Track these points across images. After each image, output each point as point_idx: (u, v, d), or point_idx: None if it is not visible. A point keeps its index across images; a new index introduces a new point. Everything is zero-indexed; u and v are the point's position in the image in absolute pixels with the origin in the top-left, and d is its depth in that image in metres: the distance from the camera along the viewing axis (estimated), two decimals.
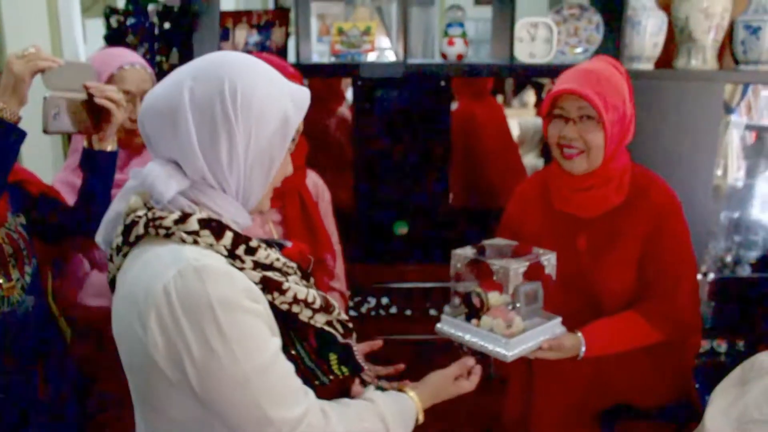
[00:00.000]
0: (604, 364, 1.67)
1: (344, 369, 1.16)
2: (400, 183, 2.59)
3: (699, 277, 2.50)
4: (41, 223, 1.64)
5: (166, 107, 1.05)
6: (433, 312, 2.55)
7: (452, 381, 1.38)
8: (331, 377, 1.15)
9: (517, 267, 1.52)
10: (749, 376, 1.59)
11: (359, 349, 1.51)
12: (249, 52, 2.49)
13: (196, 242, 1.04)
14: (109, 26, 2.44)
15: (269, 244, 1.19)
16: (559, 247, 1.75)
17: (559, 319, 1.62)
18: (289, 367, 1.06)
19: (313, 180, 2.02)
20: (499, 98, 4.79)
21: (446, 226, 2.63)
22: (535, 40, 2.44)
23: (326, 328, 1.15)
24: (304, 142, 1.92)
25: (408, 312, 2.57)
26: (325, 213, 2.02)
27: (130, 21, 2.42)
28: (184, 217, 1.05)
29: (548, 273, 1.61)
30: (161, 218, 1.05)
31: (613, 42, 2.42)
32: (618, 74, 1.69)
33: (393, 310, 2.58)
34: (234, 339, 0.98)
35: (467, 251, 1.62)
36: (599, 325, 1.66)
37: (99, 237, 1.18)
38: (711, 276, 2.62)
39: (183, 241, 1.04)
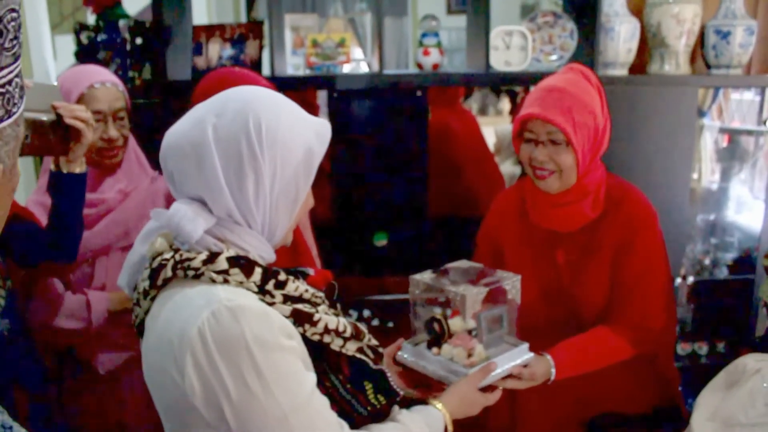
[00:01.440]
0: (587, 375, 1.66)
1: (381, 398, 1.14)
2: (379, 194, 2.58)
3: (678, 280, 2.52)
4: (14, 246, 1.60)
5: (189, 145, 1.04)
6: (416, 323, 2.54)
7: (475, 388, 1.37)
8: (369, 408, 1.13)
9: (475, 293, 1.44)
10: (733, 380, 1.60)
11: (388, 353, 1.49)
12: (223, 65, 2.48)
13: (226, 281, 1.02)
14: (79, 42, 2.40)
15: (294, 273, 1.17)
16: (538, 261, 1.74)
17: (525, 345, 1.55)
18: (325, 402, 1.05)
19: None
20: (474, 107, 4.82)
21: (426, 237, 2.63)
22: (510, 48, 2.45)
23: (357, 355, 1.13)
24: None
25: (390, 324, 2.55)
26: (304, 226, 2.00)
27: (101, 37, 2.38)
28: (213, 257, 1.03)
29: (512, 298, 1.54)
30: (189, 259, 1.03)
31: (588, 49, 2.43)
32: (589, 85, 1.65)
33: (375, 322, 2.56)
34: (272, 379, 0.97)
35: (425, 276, 1.54)
36: (568, 345, 1.62)
37: (122, 281, 1.16)
38: (690, 279, 2.64)
39: (213, 281, 1.02)
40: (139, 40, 2.41)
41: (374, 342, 1.17)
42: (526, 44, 2.44)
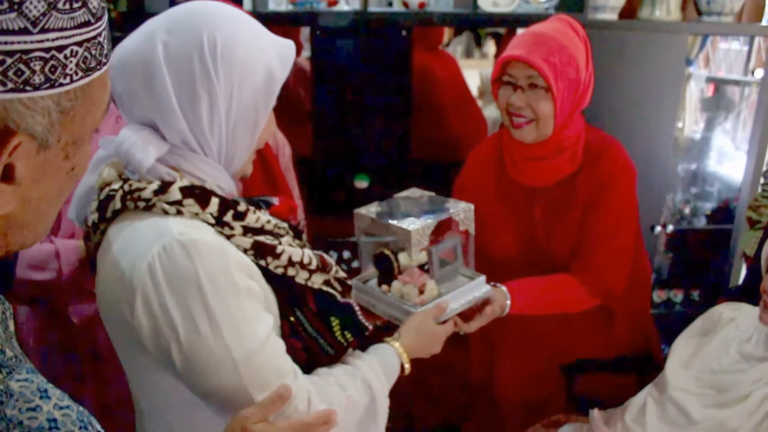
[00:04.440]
0: (561, 322, 1.67)
1: (348, 335, 1.10)
2: (361, 135, 2.54)
3: (657, 228, 2.53)
4: None
5: (139, 63, 0.95)
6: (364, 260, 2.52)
7: (431, 320, 1.31)
8: (335, 346, 1.09)
9: (421, 228, 1.31)
10: (708, 328, 1.62)
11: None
12: None
13: (179, 213, 0.96)
14: None
15: (256, 203, 1.12)
16: (515, 215, 1.72)
17: (482, 278, 1.47)
18: (279, 348, 1.01)
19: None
20: (459, 49, 4.74)
21: (407, 179, 2.60)
22: None
23: (324, 288, 1.09)
24: None
25: None
26: (286, 168, 1.96)
27: None
28: (165, 187, 0.96)
29: (464, 229, 1.43)
30: (139, 190, 0.96)
31: None
32: (576, 37, 1.60)
33: (355, 264, 2.56)
34: (223, 321, 0.92)
35: (370, 210, 1.41)
36: (526, 282, 1.60)
37: (71, 214, 1.10)
38: (670, 228, 2.65)
39: (165, 212, 0.96)
40: None
41: (342, 274, 1.13)
42: None
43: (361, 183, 2.59)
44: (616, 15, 2.45)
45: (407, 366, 1.21)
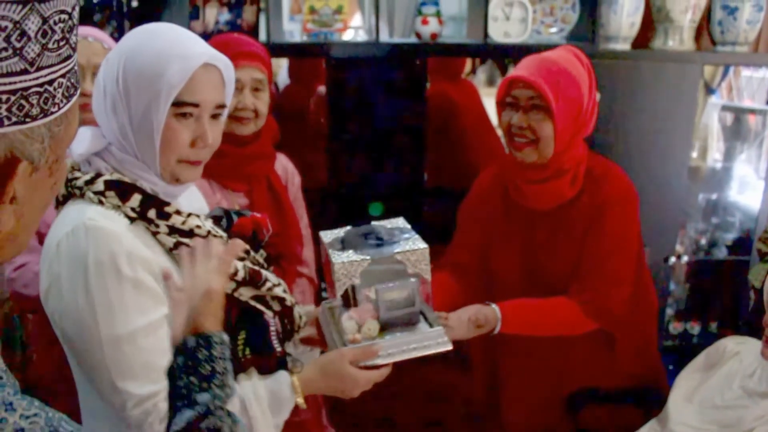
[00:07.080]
0: (565, 350, 1.66)
1: (247, 351, 1.15)
2: (376, 164, 2.56)
3: (673, 259, 2.50)
4: None
5: (99, 77, 1.13)
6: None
7: (347, 362, 1.22)
8: (233, 362, 1.08)
9: (348, 263, 1.22)
10: (713, 361, 1.60)
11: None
12: (219, 30, 2.45)
13: (101, 202, 1.08)
14: None
15: (227, 214, 1.21)
16: (518, 238, 1.73)
17: (440, 329, 1.30)
18: (159, 346, 1.05)
19: (283, 164, 1.98)
20: (482, 77, 4.75)
21: (423, 208, 2.61)
22: (510, 20, 2.40)
23: (252, 302, 1.15)
24: (273, 126, 1.89)
25: None
26: (294, 197, 1.98)
27: None
28: (94, 178, 1.09)
29: (415, 272, 1.28)
30: (76, 179, 1.10)
31: (589, 22, 2.38)
32: (579, 65, 1.63)
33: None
34: (98, 303, 1.03)
35: (327, 235, 1.34)
36: (519, 303, 1.62)
37: None
38: (685, 258, 2.62)
39: (92, 201, 1.08)
40: (135, 3, 2.39)
41: (280, 294, 1.19)
42: (526, 16, 2.39)
43: (376, 212, 2.60)
44: (628, 45, 2.45)
45: (300, 401, 1.18)
